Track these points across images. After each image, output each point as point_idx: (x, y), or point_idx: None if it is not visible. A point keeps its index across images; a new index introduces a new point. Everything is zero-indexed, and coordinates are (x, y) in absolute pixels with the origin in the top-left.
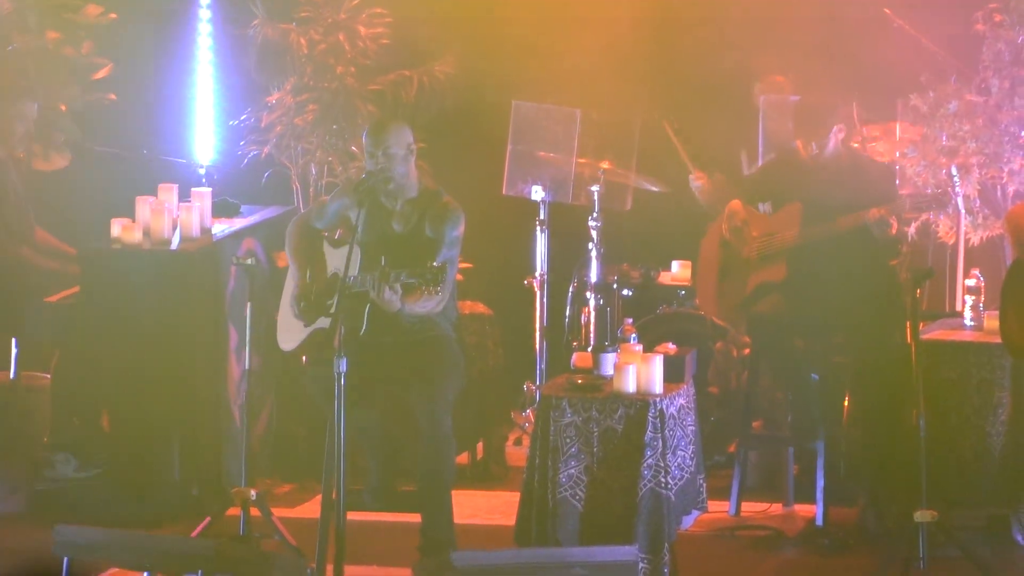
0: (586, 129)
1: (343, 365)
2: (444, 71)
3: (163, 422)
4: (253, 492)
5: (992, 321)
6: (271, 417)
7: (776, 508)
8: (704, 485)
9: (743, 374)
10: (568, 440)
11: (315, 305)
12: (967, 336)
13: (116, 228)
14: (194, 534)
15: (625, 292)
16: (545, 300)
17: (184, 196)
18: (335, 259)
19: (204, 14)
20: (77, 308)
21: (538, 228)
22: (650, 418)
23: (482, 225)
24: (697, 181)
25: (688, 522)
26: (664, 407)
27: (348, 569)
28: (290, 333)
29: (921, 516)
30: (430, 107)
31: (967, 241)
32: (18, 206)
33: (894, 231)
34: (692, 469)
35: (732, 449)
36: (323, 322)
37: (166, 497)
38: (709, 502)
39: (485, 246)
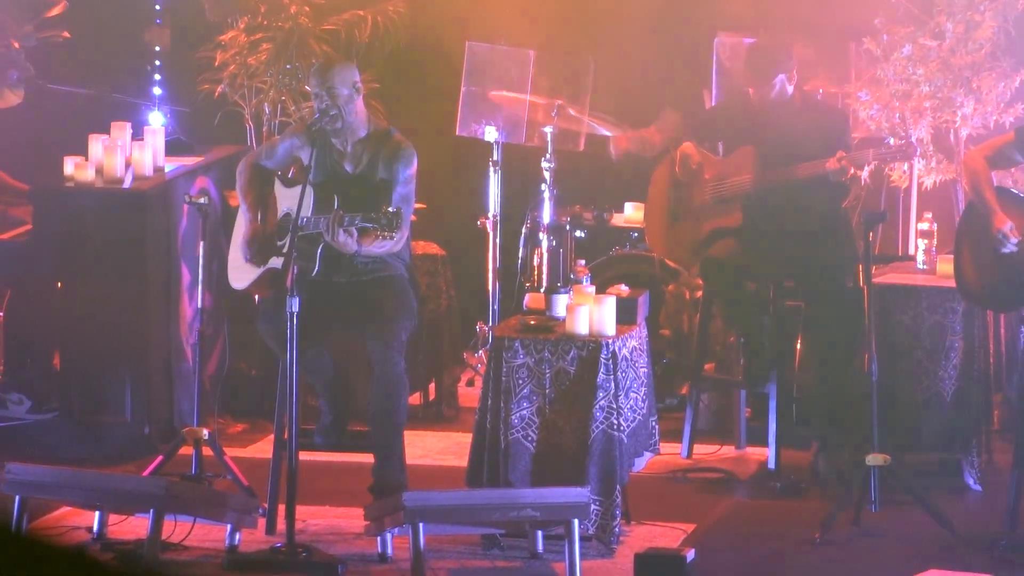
0: (540, 70)
1: (295, 304)
2: (398, 11)
3: (115, 361)
4: (205, 431)
5: (945, 265)
6: (223, 356)
7: (728, 451)
8: (656, 427)
9: (695, 317)
10: (520, 381)
11: (266, 246)
12: (919, 280)
13: (69, 166)
14: (146, 473)
15: (578, 234)
16: (498, 241)
17: (137, 135)
18: (287, 199)
19: None
20: (29, 247)
21: (491, 168)
22: (602, 359)
23: (435, 165)
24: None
25: (640, 464)
26: (617, 349)
27: (300, 509)
28: (241, 272)
29: (873, 460)
30: (384, 47)
31: (920, 185)
32: None
33: (849, 176)
34: (644, 411)
35: (684, 392)
36: (275, 262)
37: (118, 436)
38: (661, 444)
39: (438, 186)
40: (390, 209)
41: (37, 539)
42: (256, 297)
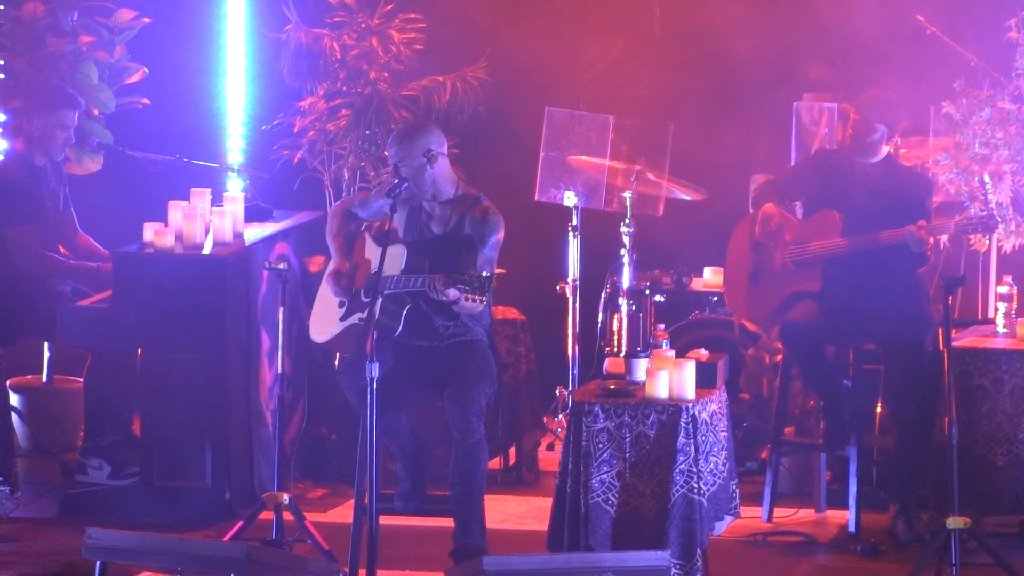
0: (619, 135)
1: (375, 370)
2: (477, 76)
3: (195, 427)
4: (286, 496)
5: None
6: (303, 421)
7: (808, 514)
8: (737, 491)
9: (775, 380)
10: (600, 445)
11: (354, 301)
12: (999, 343)
13: (149, 232)
14: (226, 538)
15: (657, 298)
16: (577, 306)
17: (216, 201)
18: (377, 258)
19: (237, 19)
20: (109, 312)
21: (570, 233)
22: (682, 423)
23: (515, 230)
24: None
25: (721, 528)
26: (696, 413)
27: (381, 574)
28: (323, 326)
29: (953, 523)
30: (463, 112)
31: (999, 248)
32: (56, 211)
33: (930, 246)
34: (725, 475)
35: (764, 455)
36: (358, 318)
37: (198, 502)
38: (742, 508)
39: (518, 251)
40: (483, 274)
41: None
42: (336, 358)
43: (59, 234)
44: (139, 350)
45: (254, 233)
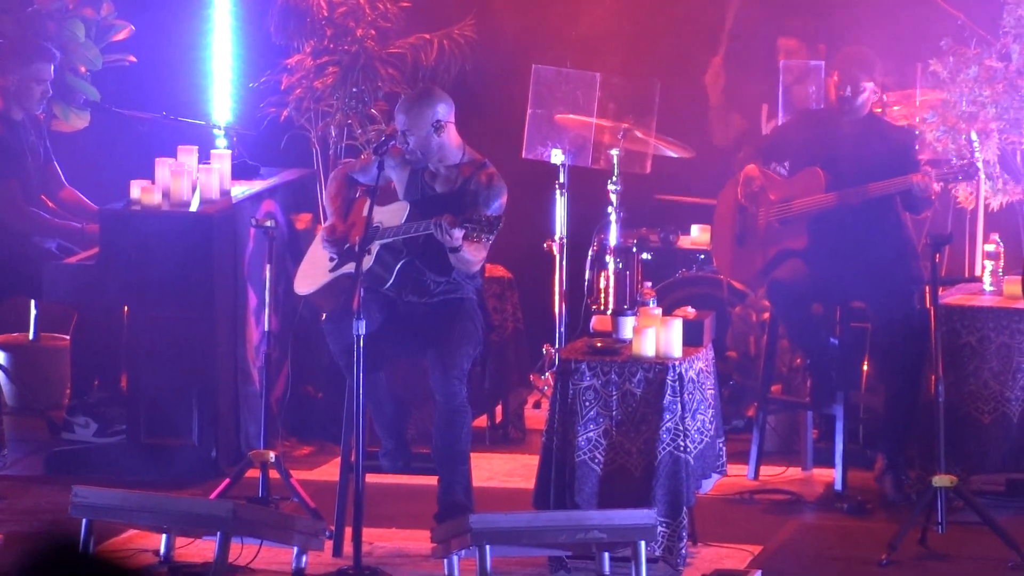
0: (606, 93)
1: (362, 328)
2: (464, 34)
3: (182, 385)
4: (272, 454)
5: (1011, 286)
6: (289, 379)
7: (795, 472)
8: (723, 449)
9: (762, 338)
10: (587, 403)
11: (348, 251)
12: (986, 301)
13: (135, 190)
14: (213, 496)
15: (644, 256)
16: (564, 263)
17: (203, 158)
18: (378, 215)
19: None
20: (96, 270)
21: (558, 191)
22: (669, 381)
23: None
24: None
25: (707, 486)
26: (683, 371)
27: (367, 532)
28: (310, 278)
29: (940, 481)
30: (450, 70)
31: (986, 206)
32: (38, 166)
33: (935, 192)
34: (711, 433)
35: (751, 413)
36: (348, 270)
37: (185, 459)
38: (728, 466)
39: (505, 210)
40: (489, 214)
41: (104, 562)
42: (323, 317)
43: (43, 189)
44: (125, 308)
45: (241, 191)
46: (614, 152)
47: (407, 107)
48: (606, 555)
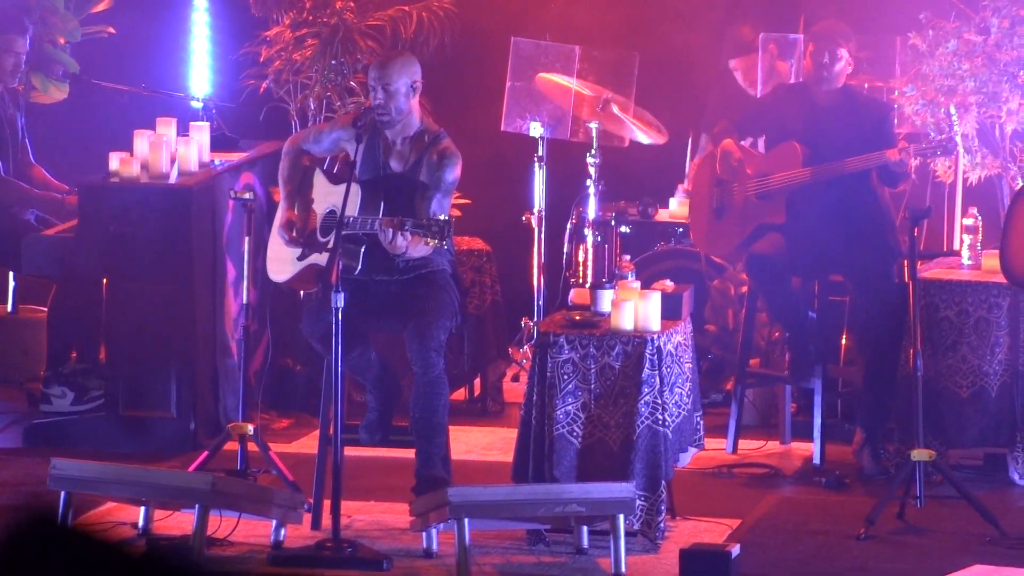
0: (585, 66)
1: (341, 300)
2: (443, 6)
3: (160, 357)
4: (250, 427)
5: (990, 260)
6: (268, 352)
7: (773, 446)
8: (701, 423)
9: (740, 312)
10: (565, 377)
11: (310, 241)
12: (965, 275)
13: (114, 161)
14: (191, 468)
15: (623, 229)
16: (543, 236)
17: (182, 130)
18: (332, 195)
19: None
20: (75, 241)
21: (536, 164)
22: (647, 355)
23: (480, 161)
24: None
25: (685, 460)
26: (662, 344)
27: (345, 505)
28: (281, 264)
29: (918, 455)
30: (429, 42)
31: (965, 180)
32: (15, 139)
33: (911, 167)
34: (689, 407)
35: (729, 387)
36: (318, 259)
37: (163, 432)
38: (706, 440)
39: (483, 182)
40: (441, 217)
41: (82, 534)
42: (301, 293)
43: (16, 162)
44: (104, 280)
45: (219, 163)
46: (593, 125)
47: (386, 62)
48: (584, 529)
